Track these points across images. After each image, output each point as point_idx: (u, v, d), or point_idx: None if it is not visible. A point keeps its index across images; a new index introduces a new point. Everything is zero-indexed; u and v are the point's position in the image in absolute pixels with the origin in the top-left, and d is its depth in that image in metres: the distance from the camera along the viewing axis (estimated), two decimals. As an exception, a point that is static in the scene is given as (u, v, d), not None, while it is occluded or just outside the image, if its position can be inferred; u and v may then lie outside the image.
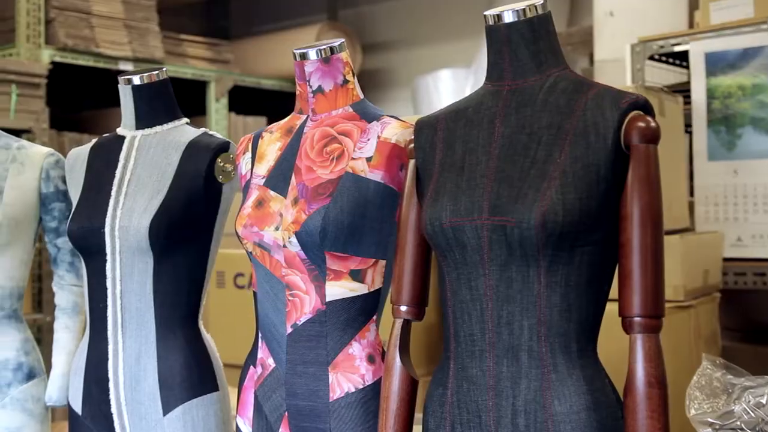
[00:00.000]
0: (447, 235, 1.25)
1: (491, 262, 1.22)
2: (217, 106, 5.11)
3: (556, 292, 1.20)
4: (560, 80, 1.28)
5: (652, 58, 2.97)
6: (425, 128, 1.38)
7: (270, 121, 5.58)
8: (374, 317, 1.49)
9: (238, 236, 1.54)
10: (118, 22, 4.61)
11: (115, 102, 5.69)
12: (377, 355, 1.48)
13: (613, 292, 1.25)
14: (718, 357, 1.69)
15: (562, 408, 1.19)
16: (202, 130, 1.76)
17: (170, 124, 1.77)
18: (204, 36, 5.32)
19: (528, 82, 1.29)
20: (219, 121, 5.11)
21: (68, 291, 1.92)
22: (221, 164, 1.69)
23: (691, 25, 3.31)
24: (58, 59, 4.32)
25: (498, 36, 1.30)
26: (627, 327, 1.19)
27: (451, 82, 5.17)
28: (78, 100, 5.24)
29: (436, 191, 1.30)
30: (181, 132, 1.76)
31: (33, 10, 4.24)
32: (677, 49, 2.87)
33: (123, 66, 4.66)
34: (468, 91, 4.99)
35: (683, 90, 2.74)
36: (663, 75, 3.11)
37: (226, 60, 5.32)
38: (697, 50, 2.73)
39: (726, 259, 2.59)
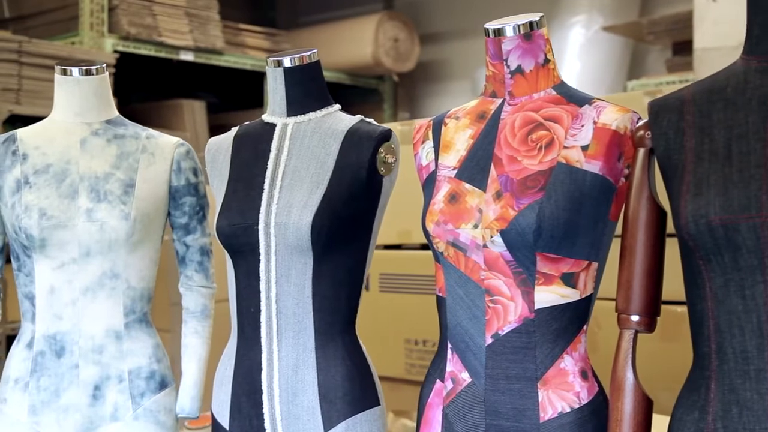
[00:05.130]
0: (715, 235, 1.08)
1: None
2: (275, 97, 4.95)
3: None
4: None
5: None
6: (665, 112, 1.21)
7: (327, 114, 5.42)
8: (585, 327, 1.32)
9: (428, 234, 1.37)
10: (179, 10, 4.46)
11: (167, 94, 5.49)
12: (589, 371, 1.31)
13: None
14: None
15: None
16: (359, 117, 1.59)
17: (323, 111, 1.60)
18: (252, 25, 5.15)
19: None
20: (277, 113, 4.96)
21: (197, 293, 1.76)
22: (383, 155, 1.52)
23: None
24: (120, 48, 4.17)
25: None
26: None
27: (515, 74, 4.98)
28: (127, 92, 5.10)
29: (696, 184, 1.12)
30: (337, 119, 1.59)
31: (96, -4, 4.09)
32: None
33: (183, 56, 4.51)
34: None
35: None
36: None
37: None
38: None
39: None
